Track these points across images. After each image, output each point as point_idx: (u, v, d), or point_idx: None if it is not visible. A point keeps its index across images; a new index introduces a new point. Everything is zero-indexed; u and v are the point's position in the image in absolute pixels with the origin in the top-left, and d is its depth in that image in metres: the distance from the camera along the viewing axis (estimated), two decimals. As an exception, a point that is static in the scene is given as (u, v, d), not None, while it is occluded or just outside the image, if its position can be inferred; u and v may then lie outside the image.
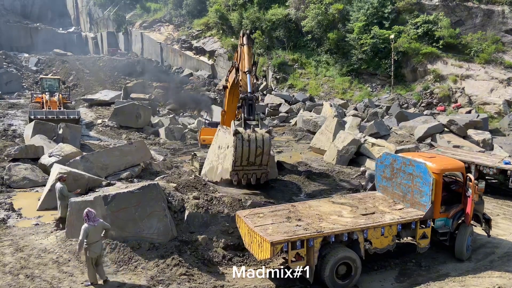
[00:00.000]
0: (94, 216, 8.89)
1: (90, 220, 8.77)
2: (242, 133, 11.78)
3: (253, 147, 11.73)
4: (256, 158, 11.94)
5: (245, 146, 11.78)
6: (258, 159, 11.94)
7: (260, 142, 11.66)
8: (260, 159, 11.96)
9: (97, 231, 8.85)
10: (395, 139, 22.64)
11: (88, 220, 8.75)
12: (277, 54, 41.64)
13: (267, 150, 11.72)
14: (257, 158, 11.91)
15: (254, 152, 11.82)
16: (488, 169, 15.97)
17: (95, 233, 8.78)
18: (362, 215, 10.26)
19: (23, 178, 15.96)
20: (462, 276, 9.88)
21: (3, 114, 29.67)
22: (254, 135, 11.72)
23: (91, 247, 8.73)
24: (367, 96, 33.63)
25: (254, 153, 11.85)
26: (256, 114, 12.33)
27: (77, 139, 21.47)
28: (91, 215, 8.82)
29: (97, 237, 8.87)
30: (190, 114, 34.83)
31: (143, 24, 62.42)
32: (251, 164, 12.14)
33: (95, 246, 8.81)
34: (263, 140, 11.61)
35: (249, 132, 11.79)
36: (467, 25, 32.89)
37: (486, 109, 28.40)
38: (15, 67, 46.23)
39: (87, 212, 8.86)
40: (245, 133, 11.80)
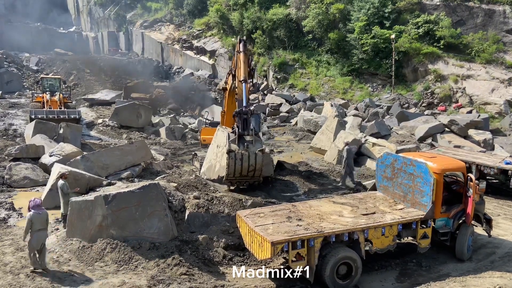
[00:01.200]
0: (39, 204, 9.24)
1: (35, 208, 9.11)
2: (235, 151, 11.81)
3: (245, 166, 11.85)
4: (248, 173, 12.10)
5: (238, 165, 11.91)
6: (250, 173, 12.08)
7: (252, 161, 11.73)
8: (253, 174, 12.11)
9: (41, 219, 9.16)
10: (396, 139, 22.62)
11: (33, 208, 9.09)
12: (277, 54, 41.63)
13: (260, 167, 11.80)
14: (250, 173, 12.04)
15: (246, 169, 11.97)
16: (489, 169, 15.95)
17: (39, 221, 9.10)
18: (362, 215, 10.25)
19: (23, 178, 15.97)
20: (463, 276, 9.86)
21: (4, 113, 29.68)
22: (247, 153, 11.75)
23: (35, 235, 9.01)
24: (368, 96, 33.60)
25: (247, 169, 12.00)
26: (251, 129, 12.12)
27: (78, 139, 21.47)
28: (36, 203, 9.20)
29: (42, 225, 9.16)
30: (191, 114, 34.83)
31: (143, 24, 62.45)
32: (244, 176, 12.35)
33: (39, 234, 9.09)
34: (256, 159, 11.67)
35: (242, 151, 11.81)
36: (468, 25, 32.86)
37: (487, 109, 28.37)
38: (16, 67, 46.23)
39: (33, 201, 9.23)
40: (238, 152, 11.83)
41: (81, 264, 9.65)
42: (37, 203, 9.23)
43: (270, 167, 15.86)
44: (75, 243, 10.33)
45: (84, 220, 10.42)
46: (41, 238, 9.13)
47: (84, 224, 10.43)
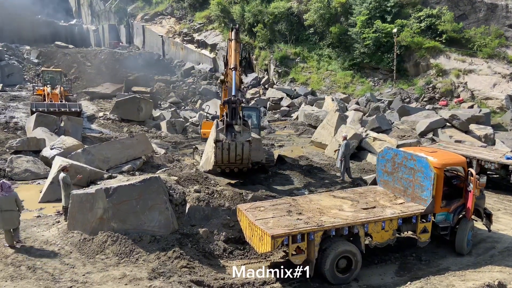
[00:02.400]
0: (8, 187, 9.98)
1: (4, 190, 9.81)
2: (223, 141, 11.83)
3: (232, 155, 11.87)
4: (236, 161, 12.12)
5: (225, 154, 11.95)
6: (238, 161, 12.10)
7: (239, 151, 11.73)
8: (241, 162, 12.12)
9: (9, 201, 9.87)
10: (396, 133, 22.59)
11: (1, 191, 9.77)
12: (279, 47, 41.49)
13: (247, 157, 11.81)
14: (238, 161, 12.07)
15: (234, 158, 12.00)
16: (489, 164, 15.96)
17: (6, 203, 9.82)
18: (363, 209, 10.28)
19: (25, 171, 16.00)
20: (462, 270, 9.90)
21: (5, 106, 29.67)
22: (234, 143, 11.74)
23: (3, 214, 9.73)
24: (369, 91, 33.54)
25: (234, 158, 12.03)
26: (239, 119, 12.04)
27: (79, 132, 21.49)
28: (4, 186, 9.90)
29: (9, 206, 9.85)
30: (192, 108, 34.81)
31: (144, 17, 62.18)
32: (232, 163, 12.38)
33: (8, 214, 9.80)
34: (243, 149, 11.67)
35: (229, 140, 11.79)
36: (471, 19, 32.71)
37: (489, 104, 28.33)
38: (16, 60, 46.14)
39: (1, 183, 9.90)
40: (225, 141, 11.83)
41: (82, 256, 9.69)
42: (5, 186, 9.94)
43: (261, 153, 15.94)
44: (76, 235, 10.37)
45: (85, 213, 10.45)
46: (6, 218, 9.83)
47: (85, 217, 10.46)
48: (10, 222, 9.86)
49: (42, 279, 8.56)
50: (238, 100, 12.03)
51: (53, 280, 8.58)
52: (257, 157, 15.69)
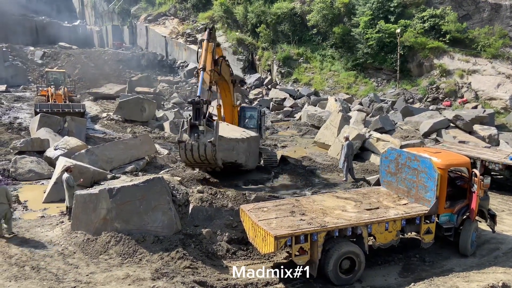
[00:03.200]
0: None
1: None
2: (186, 141, 11.77)
3: (196, 156, 11.76)
4: (203, 161, 12.03)
5: (189, 155, 11.86)
6: (205, 162, 12.04)
7: (202, 152, 11.62)
8: (207, 163, 12.05)
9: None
10: (400, 134, 22.54)
11: None
12: (282, 48, 41.48)
13: (211, 157, 11.68)
14: (204, 161, 11.99)
15: (198, 158, 11.90)
16: (493, 164, 15.88)
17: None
18: (366, 210, 10.25)
19: (29, 171, 16.07)
20: (466, 271, 9.85)
21: (9, 107, 29.81)
22: (197, 144, 11.64)
23: None
24: (372, 91, 33.49)
25: (198, 159, 11.93)
26: (203, 119, 11.84)
27: (82, 133, 21.56)
28: None
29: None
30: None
31: (148, 18, 62.28)
32: (202, 163, 12.29)
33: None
34: (205, 150, 11.57)
35: (192, 141, 11.70)
36: (475, 20, 32.61)
37: (493, 104, 28.22)
38: (20, 61, 46.33)
39: None
40: (188, 142, 11.74)
41: (85, 256, 9.71)
42: None
43: (253, 160, 15.90)
44: (80, 236, 10.40)
45: (89, 213, 10.48)
46: (2, 211, 10.39)
47: (88, 217, 10.49)
48: None
49: (46, 279, 8.59)
50: (202, 100, 11.85)
51: (56, 280, 8.61)
52: (251, 164, 15.74)
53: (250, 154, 15.65)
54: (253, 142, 15.85)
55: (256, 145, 16.36)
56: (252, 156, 15.91)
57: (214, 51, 13.42)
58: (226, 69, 16.05)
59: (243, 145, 14.94)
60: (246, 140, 15.05)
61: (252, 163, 16.08)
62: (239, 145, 14.75)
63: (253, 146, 15.93)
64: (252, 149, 15.84)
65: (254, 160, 16.25)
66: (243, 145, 14.95)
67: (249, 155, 15.53)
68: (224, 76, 15.62)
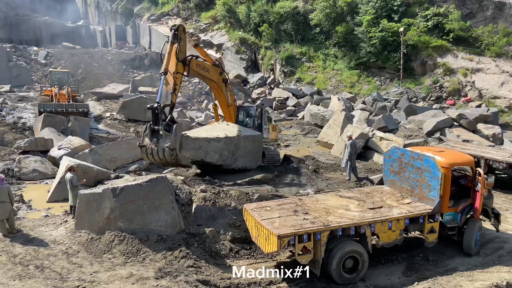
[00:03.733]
0: (1, 180, 10.55)
1: None
2: (146, 145, 12.09)
3: (157, 158, 12.07)
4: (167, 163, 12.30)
5: (150, 158, 12.21)
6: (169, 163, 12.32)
7: (161, 155, 11.87)
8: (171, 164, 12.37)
9: (1, 193, 10.44)
10: (403, 133, 22.48)
11: None
12: (284, 47, 41.44)
13: (171, 160, 11.90)
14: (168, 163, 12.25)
15: (159, 162, 12.26)
16: (497, 163, 15.83)
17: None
18: (369, 209, 10.23)
19: (33, 171, 16.14)
20: (470, 270, 9.83)
21: (13, 107, 29.92)
22: (156, 148, 11.90)
23: None
24: (376, 90, 33.41)
25: (161, 162, 12.26)
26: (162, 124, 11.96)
27: (86, 132, 21.64)
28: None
29: (1, 198, 10.42)
30: (198, 108, 34.87)
31: (151, 17, 62.37)
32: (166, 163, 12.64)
33: (1, 206, 10.35)
34: (164, 154, 11.80)
35: (152, 145, 12.00)
36: (478, 18, 32.47)
37: (497, 103, 28.10)
38: (24, 60, 46.50)
39: None
40: (148, 147, 12.07)
41: (89, 255, 9.75)
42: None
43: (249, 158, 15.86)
44: (84, 235, 10.44)
45: (93, 213, 10.52)
46: (5, 212, 10.43)
47: (92, 217, 10.53)
48: (1, 213, 10.40)
49: (50, 278, 8.62)
50: (159, 106, 11.98)
51: (60, 279, 8.64)
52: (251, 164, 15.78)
53: (239, 154, 15.54)
54: (247, 141, 15.70)
55: (256, 145, 16.16)
56: (248, 156, 15.81)
57: (179, 52, 13.13)
58: (212, 68, 15.84)
59: (218, 144, 14.98)
60: (223, 140, 15.03)
61: (250, 162, 15.98)
62: (209, 144, 14.82)
63: (249, 145, 15.76)
64: (249, 148, 15.73)
65: (253, 159, 16.12)
66: (218, 144, 14.98)
67: (232, 155, 15.40)
68: (206, 75, 15.53)
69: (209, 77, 15.82)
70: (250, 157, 15.95)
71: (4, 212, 10.49)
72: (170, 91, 12.60)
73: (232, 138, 15.26)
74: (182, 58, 13.28)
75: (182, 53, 13.37)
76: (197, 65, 14.58)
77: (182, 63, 13.27)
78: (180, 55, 13.17)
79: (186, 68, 13.53)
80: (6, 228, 10.63)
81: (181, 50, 13.22)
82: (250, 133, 16.05)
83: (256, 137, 16.29)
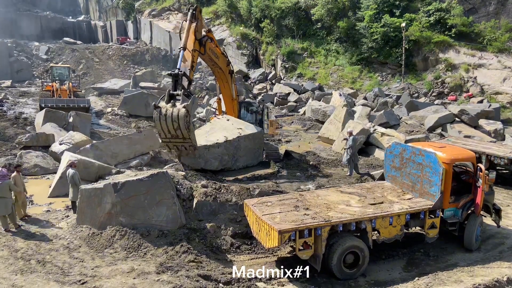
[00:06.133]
0: (2, 176, 10.54)
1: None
2: (162, 107, 12.17)
3: (169, 121, 12.11)
4: (176, 131, 12.30)
5: (162, 120, 12.17)
6: (178, 132, 12.29)
7: (175, 117, 11.96)
8: (181, 132, 12.30)
9: (3, 188, 10.42)
10: (405, 129, 22.45)
11: None
12: (286, 42, 41.33)
13: (183, 124, 11.96)
14: (177, 131, 12.26)
15: (171, 126, 12.19)
16: (499, 159, 15.80)
17: (1, 190, 10.37)
18: (370, 204, 10.24)
19: (34, 166, 16.17)
20: (471, 266, 9.84)
21: (14, 102, 29.96)
22: (171, 110, 12.03)
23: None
24: (377, 86, 33.32)
25: (172, 127, 12.21)
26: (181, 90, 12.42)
27: (87, 127, 21.66)
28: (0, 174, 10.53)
29: (3, 194, 10.40)
30: (199, 103, 34.84)
31: (152, 13, 62.25)
32: (175, 137, 12.55)
33: (2, 201, 10.33)
34: (178, 115, 11.90)
35: (168, 107, 12.11)
36: (481, 13, 32.30)
37: (498, 99, 28.02)
38: (25, 56, 46.52)
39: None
40: (164, 108, 12.14)
41: (91, 250, 9.78)
42: (1, 174, 10.54)
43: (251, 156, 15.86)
44: (85, 230, 10.47)
45: (94, 208, 10.54)
46: (6, 207, 10.44)
47: (93, 212, 10.55)
48: (3, 209, 10.44)
49: (51, 273, 8.66)
50: (180, 72, 12.46)
51: (62, 273, 8.68)
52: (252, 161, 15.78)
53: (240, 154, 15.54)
54: (248, 140, 15.66)
55: (257, 142, 16.10)
56: (249, 154, 15.81)
57: (196, 31, 13.51)
58: (222, 57, 16.06)
59: (217, 150, 14.95)
60: (223, 144, 14.97)
61: (252, 160, 15.95)
62: (208, 152, 14.80)
63: (250, 143, 15.73)
64: (250, 146, 15.73)
65: (254, 156, 16.07)
66: (217, 150, 14.95)
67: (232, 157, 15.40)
68: (216, 61, 15.74)
69: (218, 64, 16.02)
70: (251, 154, 15.95)
71: (6, 208, 10.52)
72: (188, 67, 12.95)
73: (231, 141, 15.25)
74: (199, 37, 13.76)
75: (199, 33, 13.83)
76: (209, 49, 14.90)
77: (199, 42, 13.77)
78: (197, 35, 13.61)
79: (202, 48, 14.00)
80: (7, 223, 10.67)
81: (198, 30, 13.65)
82: (250, 131, 15.94)
83: (257, 134, 16.18)
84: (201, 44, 13.91)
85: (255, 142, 16.01)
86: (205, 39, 14.15)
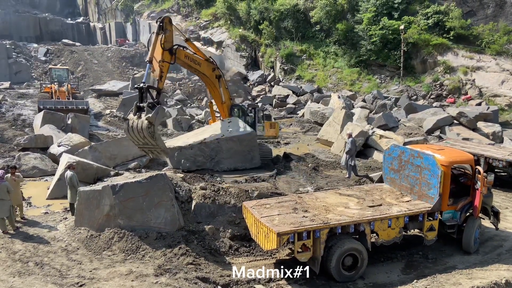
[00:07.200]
0: (0, 177, 10.50)
1: None
2: (130, 119, 12.96)
3: (136, 132, 12.78)
4: (143, 140, 12.93)
5: (131, 131, 12.91)
6: (146, 140, 12.90)
7: (140, 129, 12.62)
8: (148, 140, 12.90)
9: (0, 190, 10.40)
10: (403, 131, 22.46)
11: None
12: (285, 45, 41.39)
13: (147, 134, 12.56)
14: (145, 140, 12.88)
15: (139, 136, 12.85)
16: (497, 161, 15.80)
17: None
18: (369, 207, 10.23)
19: (32, 167, 16.14)
20: (469, 268, 9.83)
21: (12, 104, 29.92)
22: (137, 122, 12.70)
23: None
24: (376, 88, 33.37)
25: (140, 136, 12.87)
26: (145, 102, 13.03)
27: (86, 129, 21.64)
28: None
29: (1, 195, 10.40)
30: (198, 105, 34.87)
31: (151, 15, 62.27)
32: (145, 144, 13.19)
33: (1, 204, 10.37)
34: (142, 126, 12.54)
35: (135, 119, 12.81)
36: (479, 16, 32.40)
37: (497, 101, 28.08)
38: (24, 57, 46.49)
39: None
40: (131, 120, 12.90)
41: (89, 252, 9.76)
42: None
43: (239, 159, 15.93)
44: (83, 232, 10.45)
45: (92, 210, 10.53)
46: (5, 209, 10.44)
47: (92, 214, 10.53)
48: (1, 211, 10.47)
49: (49, 275, 8.63)
50: (144, 86, 13.06)
51: (60, 276, 8.65)
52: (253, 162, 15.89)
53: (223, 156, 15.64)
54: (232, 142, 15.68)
55: (246, 144, 16.04)
56: (236, 156, 15.82)
57: (165, 42, 13.72)
58: (205, 63, 16.19)
59: (190, 151, 15.39)
60: (197, 146, 15.39)
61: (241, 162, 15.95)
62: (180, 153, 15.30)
63: (236, 146, 15.75)
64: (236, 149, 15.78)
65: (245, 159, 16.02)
66: (190, 151, 15.39)
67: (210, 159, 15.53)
68: (197, 68, 15.90)
69: (200, 70, 16.20)
70: (239, 157, 15.86)
71: (4, 210, 10.49)
72: (157, 78, 13.57)
73: (208, 143, 15.52)
74: (168, 47, 13.96)
75: (168, 43, 14.01)
76: (185, 56, 15.14)
77: (169, 52, 14.00)
78: (166, 45, 13.84)
79: (172, 57, 14.23)
80: (5, 225, 10.65)
81: (167, 40, 13.86)
82: (236, 133, 15.89)
83: (244, 136, 15.99)
84: (171, 53, 14.15)
85: (243, 144, 15.93)
86: (175, 47, 14.37)
